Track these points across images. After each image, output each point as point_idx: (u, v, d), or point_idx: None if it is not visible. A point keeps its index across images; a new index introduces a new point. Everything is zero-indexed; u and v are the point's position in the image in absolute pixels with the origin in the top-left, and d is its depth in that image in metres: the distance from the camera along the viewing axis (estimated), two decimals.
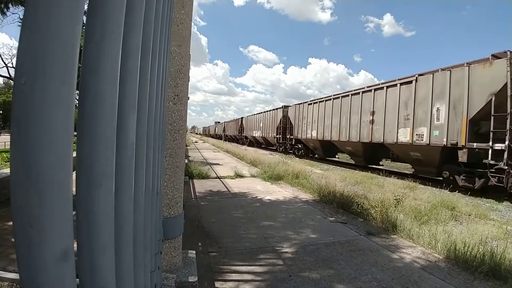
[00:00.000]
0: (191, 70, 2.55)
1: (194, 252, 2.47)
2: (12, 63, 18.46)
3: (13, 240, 0.35)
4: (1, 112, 44.60)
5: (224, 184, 6.96)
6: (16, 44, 0.35)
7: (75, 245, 0.44)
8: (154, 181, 1.20)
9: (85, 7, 0.44)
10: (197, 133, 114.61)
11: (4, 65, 18.29)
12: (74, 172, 0.44)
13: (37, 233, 0.34)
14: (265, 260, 2.85)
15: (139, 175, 0.82)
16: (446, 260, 2.92)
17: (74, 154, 0.45)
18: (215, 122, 69.24)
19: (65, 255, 0.37)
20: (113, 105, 0.53)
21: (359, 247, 3.23)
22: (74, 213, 0.43)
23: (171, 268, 2.10)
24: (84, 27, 0.50)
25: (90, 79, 0.48)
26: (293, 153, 18.04)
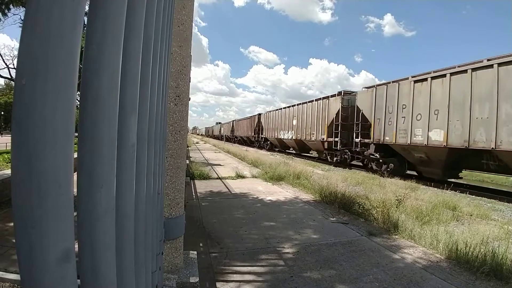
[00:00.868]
0: (192, 71, 2.55)
1: (196, 252, 2.47)
2: (13, 64, 18.54)
3: (14, 241, 0.35)
4: (2, 113, 44.75)
5: (225, 185, 6.96)
6: (17, 45, 0.35)
7: (76, 245, 0.44)
8: (156, 182, 1.20)
9: (86, 8, 0.44)
10: (198, 134, 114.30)
11: (5, 66, 18.37)
12: (75, 173, 0.44)
13: (38, 233, 0.34)
14: (266, 260, 2.84)
15: (140, 175, 0.82)
16: (448, 260, 2.91)
17: (75, 155, 0.45)
18: (216, 123, 68.88)
19: (67, 255, 0.37)
20: (114, 106, 0.53)
21: (361, 247, 3.23)
22: (75, 214, 0.43)
23: (172, 269, 2.10)
24: (85, 28, 0.50)
25: (91, 79, 0.48)
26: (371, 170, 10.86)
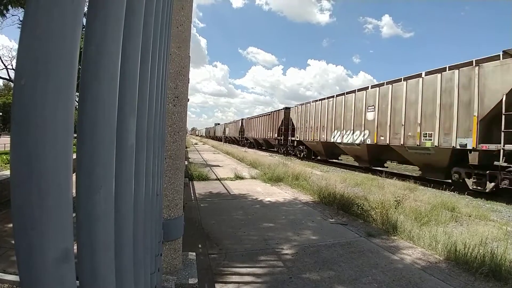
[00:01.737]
0: (190, 72, 2.55)
1: (194, 254, 2.47)
2: (12, 65, 18.48)
3: (13, 242, 0.35)
4: (1, 114, 44.58)
5: (224, 186, 6.95)
6: (16, 46, 0.35)
7: (75, 246, 0.44)
8: (154, 183, 1.20)
9: (85, 8, 0.44)
10: (198, 135, 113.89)
11: (4, 67, 18.31)
12: (74, 174, 0.44)
13: (37, 234, 0.34)
14: (265, 261, 2.84)
15: (139, 176, 0.82)
16: (447, 261, 2.91)
17: (74, 156, 0.45)
18: (215, 124, 69.26)
19: (66, 256, 0.37)
20: (113, 106, 0.53)
21: (360, 248, 3.23)
22: (74, 215, 0.43)
23: (171, 270, 2.10)
24: (84, 29, 0.50)
25: (90, 80, 0.48)
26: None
